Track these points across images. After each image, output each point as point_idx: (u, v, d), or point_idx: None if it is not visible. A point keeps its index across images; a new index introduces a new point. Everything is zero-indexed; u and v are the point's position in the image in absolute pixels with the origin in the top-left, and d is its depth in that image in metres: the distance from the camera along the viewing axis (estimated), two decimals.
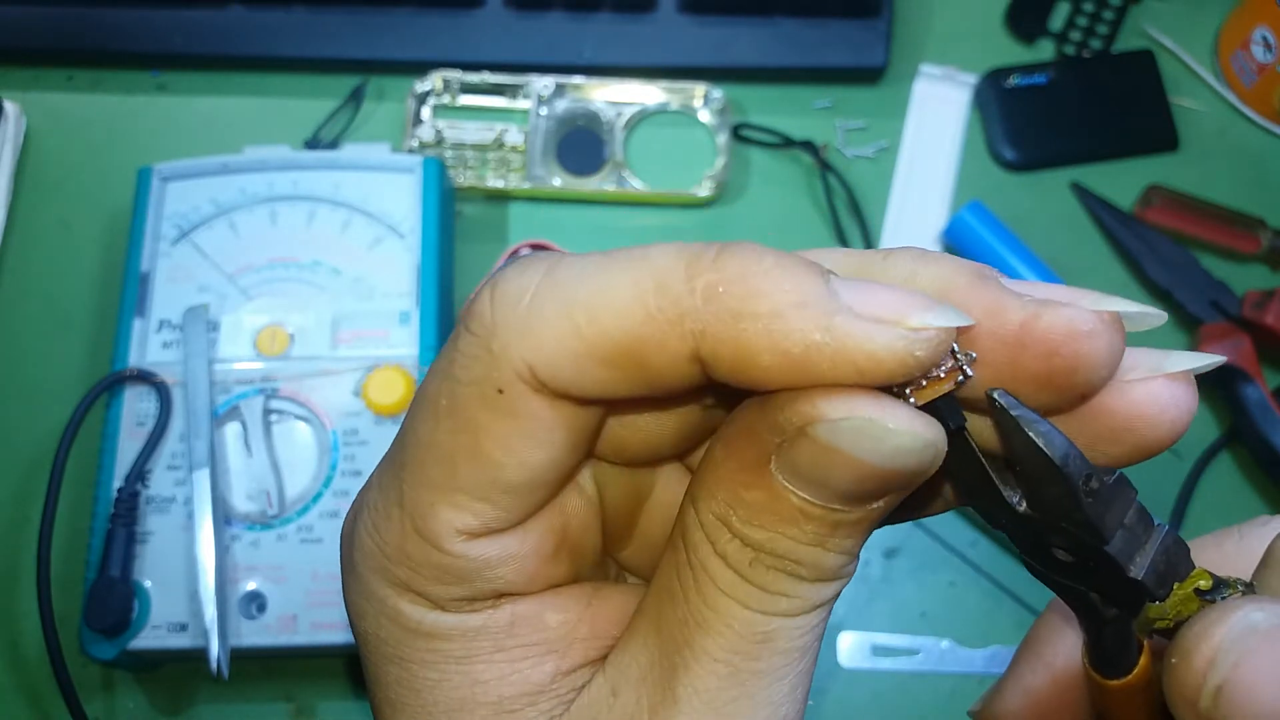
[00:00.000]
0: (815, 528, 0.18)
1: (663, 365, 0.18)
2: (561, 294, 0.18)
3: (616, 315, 0.18)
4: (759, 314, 0.17)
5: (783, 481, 0.18)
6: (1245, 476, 0.59)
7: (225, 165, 0.57)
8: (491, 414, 0.19)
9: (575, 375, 0.18)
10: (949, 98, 0.66)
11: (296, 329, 0.54)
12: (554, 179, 0.62)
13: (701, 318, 0.17)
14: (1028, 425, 0.18)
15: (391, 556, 0.20)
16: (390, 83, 0.64)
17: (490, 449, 0.19)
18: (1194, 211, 0.62)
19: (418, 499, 0.19)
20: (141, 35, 0.63)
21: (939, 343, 0.17)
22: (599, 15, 0.64)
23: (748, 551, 0.19)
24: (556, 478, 0.20)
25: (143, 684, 0.53)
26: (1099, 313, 0.18)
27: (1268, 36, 0.62)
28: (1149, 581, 0.20)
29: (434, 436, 0.19)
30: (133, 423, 0.52)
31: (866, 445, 0.17)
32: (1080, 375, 0.18)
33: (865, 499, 0.18)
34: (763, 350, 0.17)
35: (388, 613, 0.20)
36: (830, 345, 0.17)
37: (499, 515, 0.20)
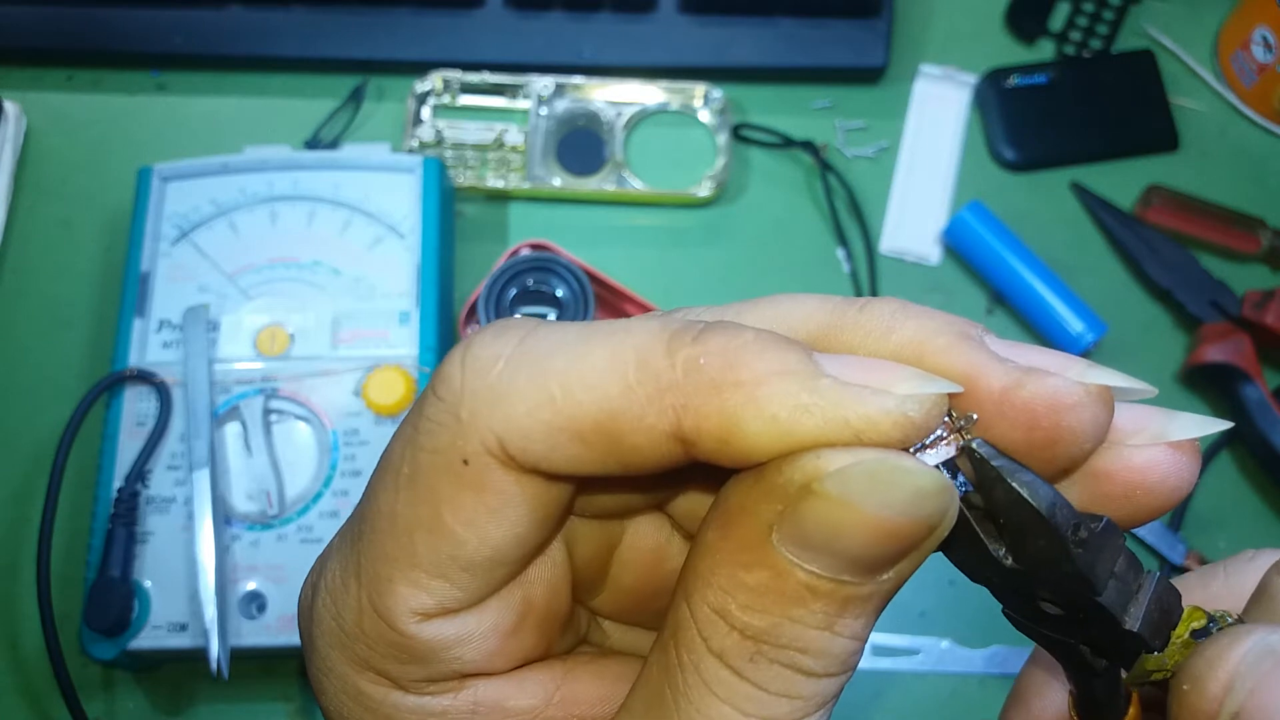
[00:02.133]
0: (824, 606, 0.17)
1: (640, 442, 0.17)
2: (537, 363, 0.17)
3: (593, 389, 0.17)
4: (742, 382, 0.17)
5: (787, 555, 0.17)
6: (1245, 476, 0.59)
7: (225, 165, 0.57)
8: (455, 486, 0.18)
9: (546, 450, 0.17)
10: (949, 98, 0.66)
11: (296, 329, 0.54)
12: (554, 179, 0.62)
13: (683, 391, 0.17)
14: (1010, 476, 0.18)
15: (349, 633, 0.19)
16: (390, 83, 0.64)
17: (451, 524, 0.18)
18: (1194, 211, 0.62)
19: (375, 573, 0.18)
20: (141, 35, 0.63)
21: (933, 404, 0.17)
22: (599, 15, 0.64)
23: (748, 645, 0.17)
24: (521, 555, 0.19)
25: (143, 684, 0.53)
26: (1085, 385, 0.18)
27: (1268, 36, 0.62)
28: (1145, 633, 0.19)
29: (394, 507, 0.18)
30: (133, 423, 0.52)
31: (882, 493, 0.16)
32: (1061, 448, 0.18)
33: (878, 565, 0.17)
34: (749, 418, 0.17)
35: (349, 691, 0.19)
36: (820, 405, 0.16)
37: (456, 595, 0.18)
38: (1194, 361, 0.58)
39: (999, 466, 0.18)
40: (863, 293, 0.61)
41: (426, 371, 0.53)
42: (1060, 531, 0.18)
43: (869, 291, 0.61)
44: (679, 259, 0.62)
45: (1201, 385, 0.60)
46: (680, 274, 0.61)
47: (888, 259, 0.62)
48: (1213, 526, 0.58)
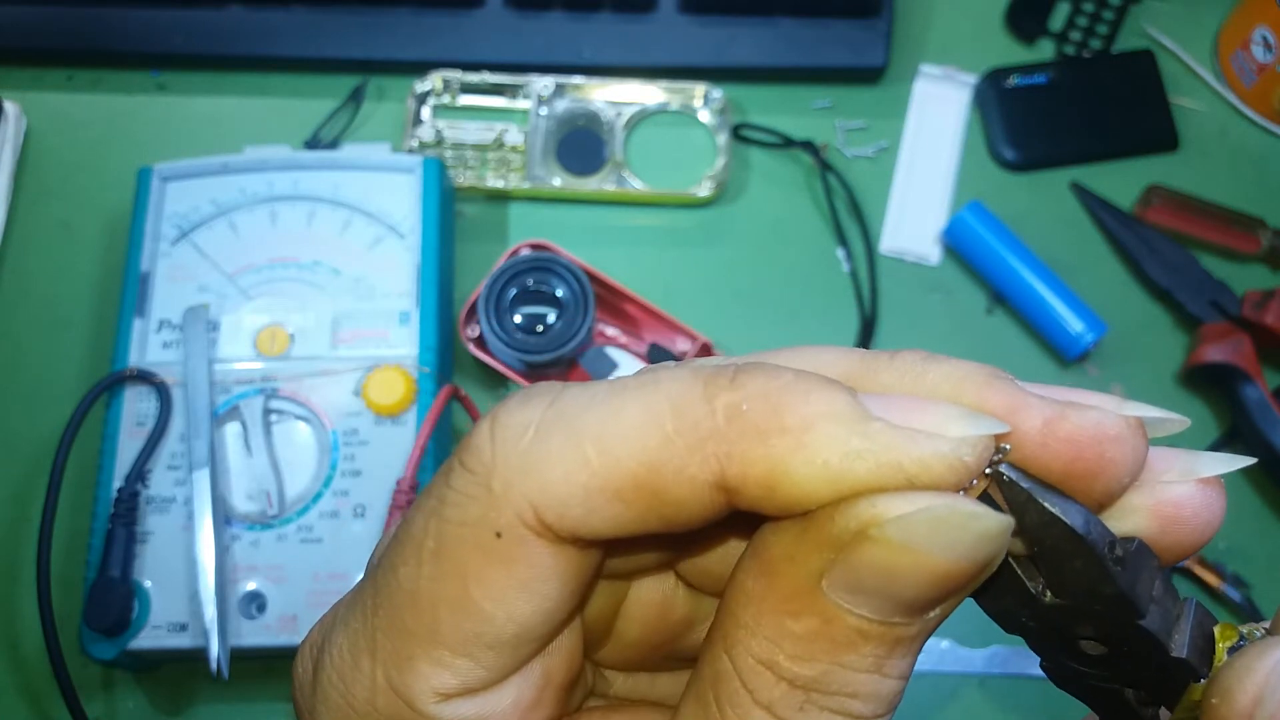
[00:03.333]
0: (874, 649, 0.17)
1: (683, 496, 0.17)
2: (569, 425, 0.17)
3: (630, 443, 0.17)
4: (788, 428, 0.16)
5: (838, 601, 0.16)
6: (1245, 476, 0.59)
7: (225, 165, 0.57)
8: (485, 560, 0.17)
9: (585, 514, 0.17)
10: (949, 98, 0.66)
11: (296, 329, 0.54)
12: (554, 179, 0.62)
13: (726, 439, 0.16)
14: (1041, 496, 0.17)
15: (360, 711, 0.18)
16: (390, 83, 0.64)
17: (480, 599, 0.17)
18: (1194, 211, 0.62)
19: (394, 651, 0.18)
20: (141, 35, 0.63)
21: (985, 447, 0.17)
22: (599, 15, 0.64)
23: (798, 694, 0.17)
24: (549, 630, 0.18)
25: (143, 684, 0.53)
26: (1125, 417, 0.18)
27: (1268, 36, 0.62)
28: (1192, 659, 0.18)
29: (416, 583, 0.18)
30: (133, 423, 0.52)
31: (948, 537, 0.16)
32: (1102, 480, 0.18)
33: (927, 606, 0.17)
34: (798, 465, 0.16)
35: None
36: (872, 451, 0.16)
37: (480, 674, 0.18)
38: (1194, 361, 0.58)
39: (1029, 488, 0.18)
40: (863, 292, 0.61)
41: (426, 371, 0.53)
42: (1098, 549, 0.18)
43: (869, 291, 0.61)
44: (679, 259, 0.62)
45: (1201, 385, 0.60)
46: (680, 274, 0.61)
47: (888, 259, 0.62)
48: None
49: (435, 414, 0.51)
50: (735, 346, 0.59)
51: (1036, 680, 0.55)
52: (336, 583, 0.49)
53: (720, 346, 0.57)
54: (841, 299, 0.61)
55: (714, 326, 0.59)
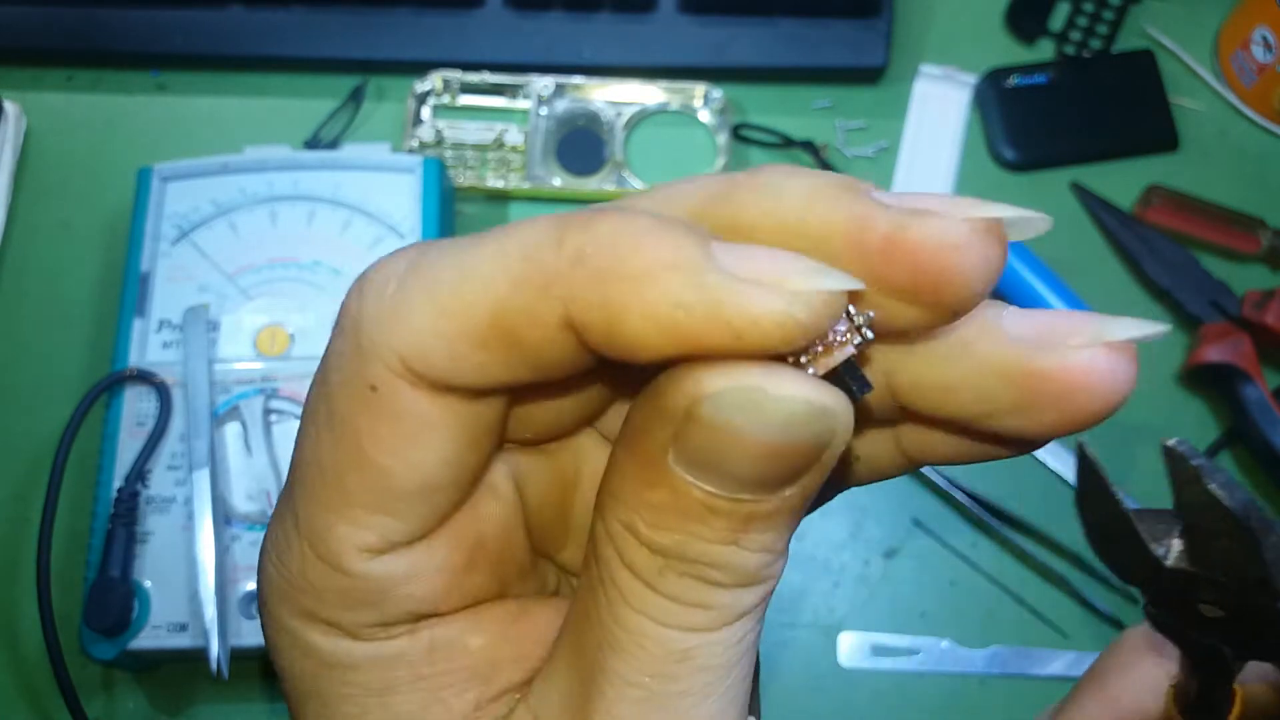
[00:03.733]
0: (726, 524, 0.17)
1: (536, 339, 0.17)
2: (427, 275, 0.17)
3: (483, 288, 0.17)
4: (627, 275, 0.16)
5: (682, 474, 0.16)
6: (1245, 476, 0.59)
7: (225, 165, 0.57)
8: (370, 416, 0.17)
9: (449, 361, 0.17)
10: (949, 98, 0.66)
11: (296, 329, 0.54)
12: (554, 179, 0.62)
13: (569, 282, 0.16)
14: (1208, 477, 0.17)
15: (296, 585, 0.19)
16: (390, 83, 0.64)
17: (375, 455, 0.17)
18: (1194, 211, 0.62)
19: (313, 521, 0.18)
20: (141, 35, 0.63)
21: (822, 304, 0.16)
22: (599, 15, 0.64)
23: (657, 559, 0.17)
24: (456, 479, 0.18)
25: (143, 684, 0.53)
26: (971, 221, 0.17)
27: (1268, 36, 0.62)
28: None
29: (319, 452, 0.18)
30: (133, 423, 0.52)
31: (753, 418, 0.16)
32: (949, 291, 0.17)
33: (772, 484, 0.17)
34: (631, 312, 0.16)
35: (300, 646, 0.19)
36: (701, 304, 0.16)
37: (400, 528, 0.18)
38: (1194, 361, 0.58)
39: (1198, 466, 0.17)
40: None
41: None
42: (1254, 536, 0.17)
43: None
44: None
45: (1201, 385, 0.60)
46: None
47: None
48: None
49: None
50: None
51: (1036, 680, 0.55)
52: None
53: None
54: None
55: None
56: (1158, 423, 0.59)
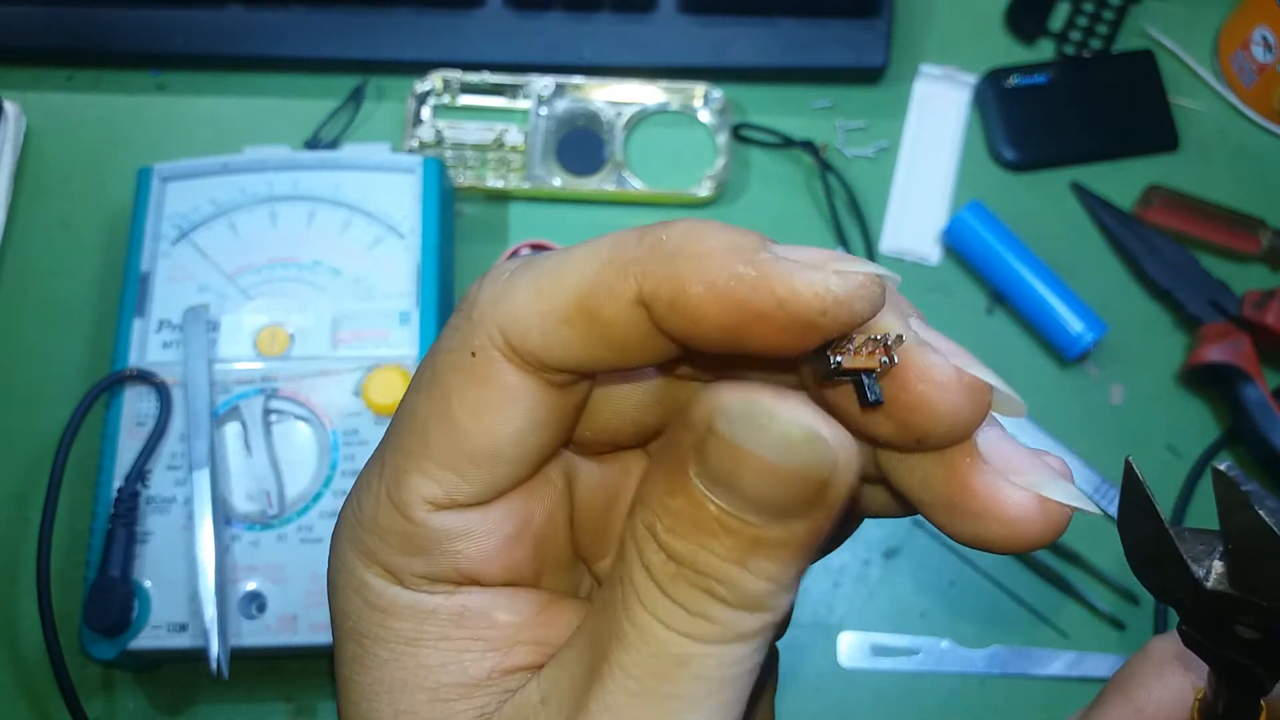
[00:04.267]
0: (734, 543, 0.18)
1: (612, 314, 0.19)
2: (534, 268, 0.20)
3: (571, 273, 0.19)
4: (692, 254, 0.18)
5: (700, 487, 0.18)
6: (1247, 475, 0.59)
7: (225, 165, 0.57)
8: (463, 379, 0.20)
9: (540, 337, 0.19)
10: (949, 98, 0.66)
11: (296, 329, 0.54)
12: (554, 179, 0.62)
13: (644, 262, 0.19)
14: (1258, 502, 0.17)
15: (365, 525, 0.21)
16: (390, 83, 0.64)
17: (459, 414, 0.20)
18: (1194, 211, 0.62)
19: (395, 466, 0.20)
20: (141, 35, 0.63)
21: (858, 284, 0.18)
22: (599, 15, 0.64)
23: (671, 565, 0.18)
24: (522, 455, 0.21)
25: (143, 684, 0.53)
26: (961, 375, 0.19)
27: (1268, 36, 0.62)
28: None
29: (415, 406, 0.20)
30: (133, 423, 0.52)
31: (757, 437, 0.17)
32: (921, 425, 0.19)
33: (777, 511, 0.18)
34: (693, 280, 0.18)
35: (354, 585, 0.21)
36: (752, 275, 0.18)
37: (464, 488, 0.20)
38: (1194, 361, 0.58)
39: (1248, 492, 0.18)
40: None
41: None
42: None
43: None
44: None
45: (1201, 385, 0.60)
46: None
47: (888, 259, 0.62)
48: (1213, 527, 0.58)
49: None
50: None
51: (1037, 680, 0.55)
52: None
53: None
54: None
55: None
56: (1158, 423, 0.59)
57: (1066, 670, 0.55)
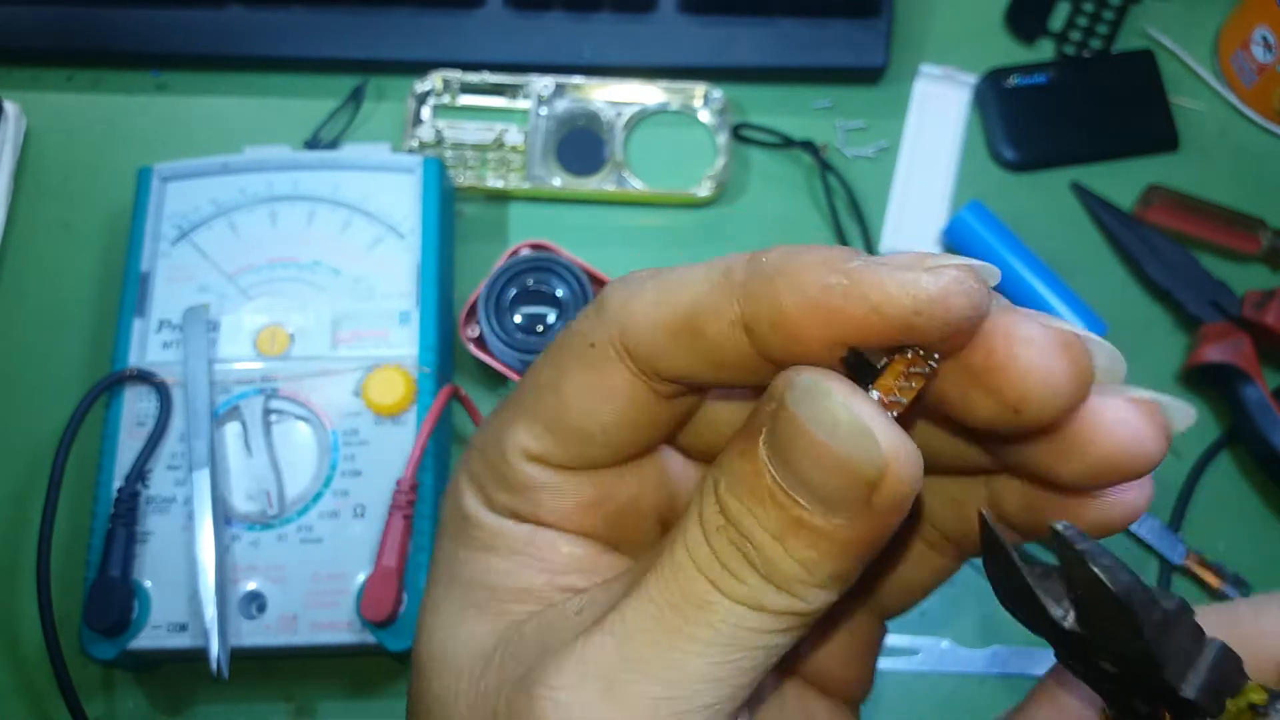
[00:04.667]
0: (779, 517, 0.19)
1: (714, 332, 0.20)
2: (660, 279, 0.21)
3: (686, 289, 0.21)
4: (789, 271, 0.19)
5: (764, 455, 0.19)
6: (1245, 476, 0.59)
7: (225, 165, 0.57)
8: (579, 364, 0.22)
9: (651, 345, 0.21)
10: (949, 98, 0.66)
11: (296, 329, 0.54)
12: (554, 179, 0.62)
13: (746, 285, 0.20)
14: (1093, 560, 0.18)
15: (475, 450, 0.24)
16: (390, 83, 0.64)
17: (566, 391, 0.22)
18: (1194, 211, 0.62)
19: (509, 413, 0.23)
20: (141, 35, 0.63)
21: (951, 278, 0.18)
22: (599, 15, 0.64)
23: (719, 518, 0.19)
24: (612, 442, 0.22)
25: (143, 684, 0.53)
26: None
27: (1268, 36, 0.62)
28: (1201, 700, 0.19)
29: (538, 373, 0.23)
30: (133, 423, 0.52)
31: (812, 411, 0.18)
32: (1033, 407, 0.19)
33: (823, 498, 0.18)
34: (788, 294, 0.19)
35: (455, 493, 0.24)
36: (845, 284, 0.18)
37: (554, 451, 0.22)
38: (1194, 361, 0.58)
39: (1083, 550, 0.18)
40: None
41: (426, 371, 0.53)
42: (1136, 618, 0.18)
43: None
44: (679, 259, 0.61)
45: (1201, 385, 0.60)
46: None
47: None
48: (1212, 527, 0.58)
49: (435, 414, 0.51)
50: None
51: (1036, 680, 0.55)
52: (337, 582, 0.49)
53: None
54: None
55: None
56: None
57: None
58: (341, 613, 0.49)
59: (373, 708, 0.53)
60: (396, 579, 0.48)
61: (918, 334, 0.18)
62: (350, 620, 0.49)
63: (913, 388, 0.19)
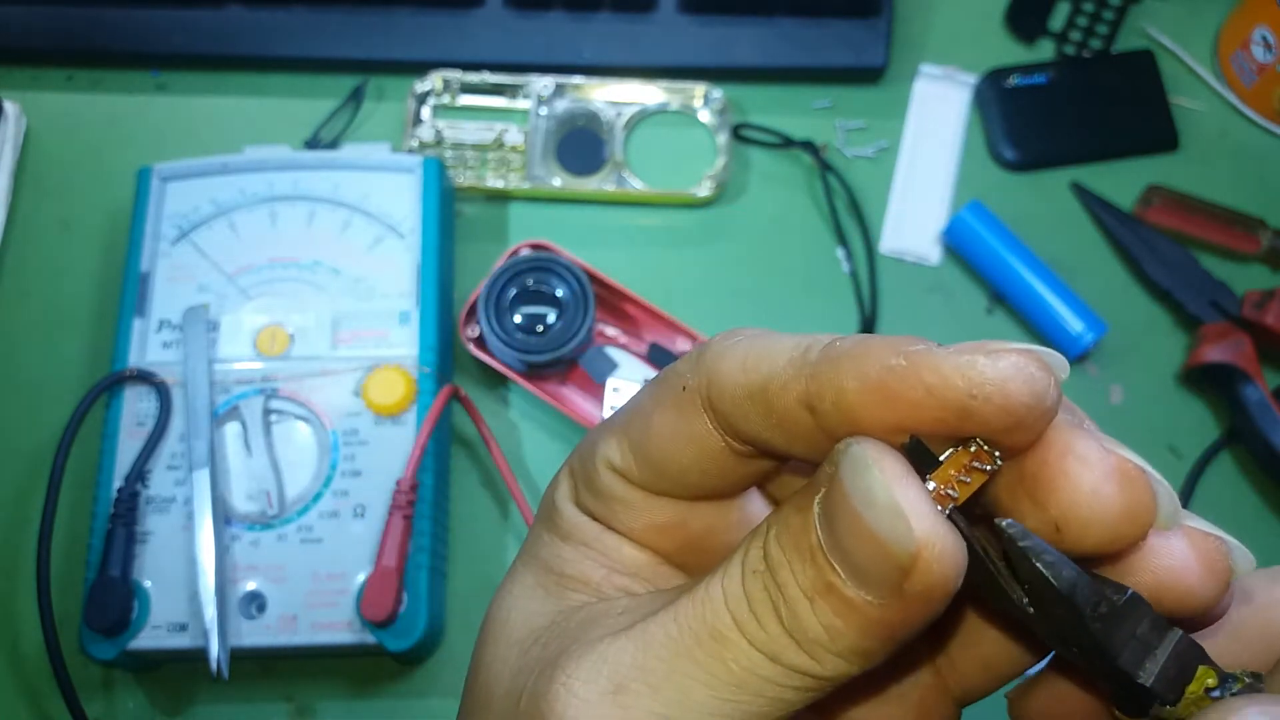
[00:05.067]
0: (814, 577, 0.19)
1: (782, 407, 0.21)
2: (752, 342, 0.22)
3: (769, 360, 0.21)
4: (855, 354, 0.19)
5: (815, 513, 0.19)
6: (1245, 476, 0.59)
7: (225, 165, 0.57)
8: (669, 401, 0.23)
9: (731, 405, 0.22)
10: (949, 97, 0.66)
11: (296, 329, 0.54)
12: (554, 179, 0.62)
13: (815, 365, 0.20)
14: (1035, 556, 0.19)
15: (579, 452, 0.25)
16: (390, 83, 0.64)
17: (655, 422, 0.23)
18: (1194, 211, 0.62)
19: (610, 425, 0.25)
20: (141, 35, 0.63)
21: (1010, 364, 0.18)
22: (599, 15, 0.64)
23: (760, 562, 0.20)
24: (684, 483, 0.23)
25: (143, 684, 0.53)
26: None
27: (1268, 36, 0.62)
28: (1158, 687, 0.20)
29: (640, 397, 0.24)
30: (132, 423, 0.52)
31: (854, 480, 0.18)
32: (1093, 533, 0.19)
33: (857, 572, 0.18)
34: (849, 375, 0.19)
35: (555, 484, 0.26)
36: (903, 366, 0.18)
37: (633, 469, 0.24)
38: (1194, 361, 0.58)
39: (1025, 547, 0.19)
40: (863, 292, 0.61)
41: (426, 371, 0.53)
42: (1080, 609, 0.19)
43: (869, 291, 0.61)
44: (679, 259, 0.62)
45: (1201, 385, 0.60)
46: (680, 274, 0.61)
47: (887, 259, 0.62)
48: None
49: (435, 414, 0.51)
50: None
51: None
52: (336, 582, 0.49)
53: None
54: (841, 299, 0.61)
55: (714, 326, 0.58)
56: (1158, 422, 0.59)
57: None
58: (341, 613, 0.49)
59: (372, 707, 0.53)
60: (396, 579, 0.48)
61: (975, 420, 0.18)
62: (350, 620, 0.49)
63: (969, 482, 0.19)
